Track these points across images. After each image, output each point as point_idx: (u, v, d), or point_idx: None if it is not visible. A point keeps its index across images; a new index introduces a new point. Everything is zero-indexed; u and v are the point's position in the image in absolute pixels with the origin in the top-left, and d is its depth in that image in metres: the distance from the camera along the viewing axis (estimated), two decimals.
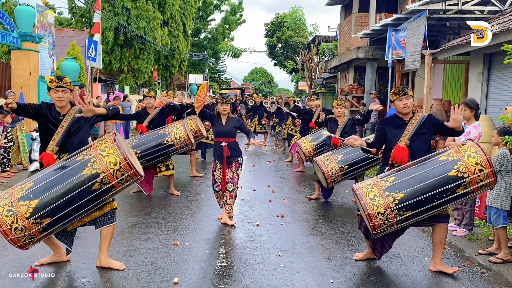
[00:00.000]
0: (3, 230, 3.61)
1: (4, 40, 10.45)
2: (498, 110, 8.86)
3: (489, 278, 4.32)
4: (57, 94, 4.12)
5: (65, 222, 3.79)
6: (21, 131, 8.99)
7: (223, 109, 5.77)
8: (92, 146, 3.92)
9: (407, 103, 4.41)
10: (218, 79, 47.70)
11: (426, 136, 4.41)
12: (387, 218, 3.97)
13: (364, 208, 4.01)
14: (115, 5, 23.20)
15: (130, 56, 24.48)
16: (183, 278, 4.05)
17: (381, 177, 4.21)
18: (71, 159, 3.88)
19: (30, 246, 3.83)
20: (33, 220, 3.63)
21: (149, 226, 5.58)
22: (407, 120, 4.46)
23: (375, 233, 4.08)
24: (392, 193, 4.00)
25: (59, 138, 4.10)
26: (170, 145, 7.22)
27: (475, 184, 3.95)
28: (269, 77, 71.01)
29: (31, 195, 3.68)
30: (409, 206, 3.97)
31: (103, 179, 3.75)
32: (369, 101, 15.38)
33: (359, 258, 4.67)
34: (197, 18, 39.10)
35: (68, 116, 4.17)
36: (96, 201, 3.84)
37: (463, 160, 3.97)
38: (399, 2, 18.07)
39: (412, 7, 11.02)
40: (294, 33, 33.70)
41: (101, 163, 3.76)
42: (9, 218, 3.61)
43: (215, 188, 5.93)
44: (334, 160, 6.84)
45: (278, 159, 12.44)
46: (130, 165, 3.81)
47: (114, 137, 3.91)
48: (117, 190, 3.92)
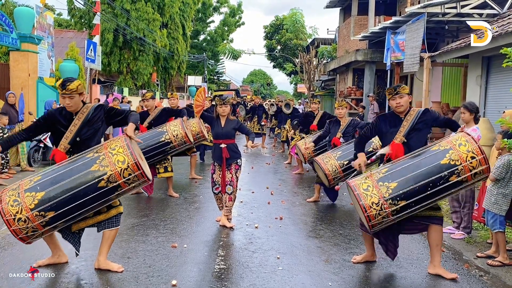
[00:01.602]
0: (7, 220, 3.63)
1: (3, 41, 10.45)
2: (497, 113, 8.88)
3: (488, 281, 4.32)
4: (64, 100, 4.08)
5: (68, 218, 3.77)
6: None
7: (222, 110, 5.77)
8: (103, 145, 3.93)
9: (399, 102, 4.40)
10: (217, 81, 47.76)
11: (423, 131, 4.41)
12: (382, 208, 3.96)
13: (358, 198, 4.02)
14: (114, 6, 23.21)
15: (129, 57, 24.52)
16: (181, 280, 4.04)
17: (375, 170, 4.25)
18: (81, 156, 3.89)
19: (32, 240, 3.82)
20: (37, 212, 3.63)
21: (147, 228, 5.58)
22: (403, 116, 4.45)
23: (370, 225, 4.05)
24: (386, 183, 4.01)
25: (71, 136, 4.06)
26: (167, 143, 7.20)
27: (468, 172, 3.96)
28: (268, 79, 71.11)
29: (38, 187, 3.70)
30: (403, 195, 3.97)
31: (110, 177, 3.75)
32: (367, 103, 15.41)
33: (357, 260, 4.66)
34: (196, 20, 39.18)
35: (81, 114, 4.12)
36: (101, 200, 3.82)
37: (454, 149, 4.00)
38: (398, 5, 18.13)
39: (411, 10, 11.06)
40: (293, 35, 33.77)
41: (110, 161, 3.77)
42: (14, 208, 3.63)
43: (214, 190, 5.92)
44: (333, 157, 6.86)
45: (277, 161, 12.44)
46: (137, 166, 3.80)
47: (126, 138, 3.92)
48: (123, 191, 3.89)
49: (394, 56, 12.94)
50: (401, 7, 17.49)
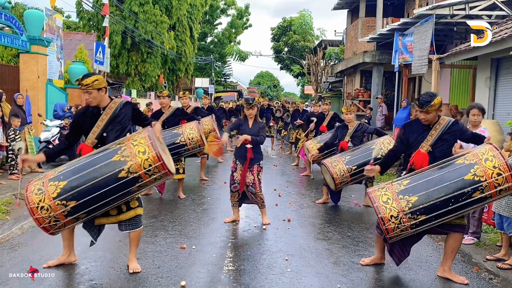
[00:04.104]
0: (31, 208, 3.68)
1: (13, 43, 10.55)
2: (506, 115, 8.83)
3: (497, 284, 4.30)
4: (84, 95, 4.13)
5: (90, 209, 3.79)
6: (29, 134, 9.05)
7: (249, 113, 5.88)
8: (127, 137, 3.97)
9: (425, 118, 4.26)
10: (224, 82, 47.84)
11: (449, 142, 4.29)
12: (401, 221, 3.91)
13: (377, 211, 3.97)
14: (122, 9, 23.34)
15: (137, 59, 24.62)
16: (190, 281, 4.06)
17: (396, 181, 4.15)
18: (104, 147, 3.93)
19: (55, 231, 3.85)
20: (58, 201, 3.67)
21: (156, 229, 5.60)
22: (432, 125, 4.32)
23: (388, 237, 4.03)
24: (406, 196, 3.93)
25: (98, 131, 4.10)
26: (182, 145, 7.24)
27: (493, 189, 3.83)
28: (275, 81, 71.12)
29: (61, 177, 3.76)
30: (423, 210, 3.88)
31: (130, 167, 3.75)
32: (375, 105, 15.36)
33: (365, 263, 4.64)
34: (203, 22, 39.29)
35: (108, 109, 4.14)
36: (122, 191, 3.81)
37: (480, 164, 3.85)
38: (406, 7, 18.08)
39: (419, 11, 11.02)
40: (300, 37, 33.76)
41: (131, 151, 3.78)
42: (37, 197, 3.69)
43: (232, 188, 5.97)
44: (341, 161, 6.85)
45: (284, 163, 12.44)
46: (158, 157, 3.78)
47: (148, 129, 3.94)
48: (144, 182, 3.86)
49: (402, 58, 12.89)
50: (409, 9, 17.44)
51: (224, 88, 45.78)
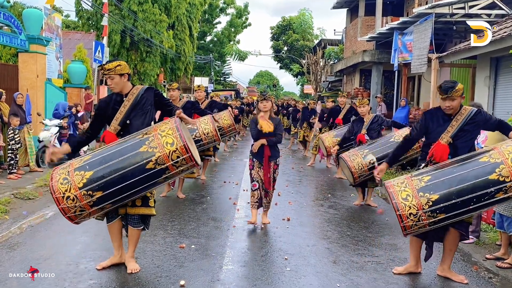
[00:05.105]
0: (56, 197, 3.66)
1: (12, 42, 10.53)
2: (505, 114, 8.82)
3: (497, 283, 4.30)
4: (107, 81, 4.13)
5: (116, 199, 3.76)
6: (28, 134, 9.04)
7: (264, 106, 5.71)
8: (153, 127, 3.91)
9: (450, 106, 4.08)
10: (224, 82, 47.82)
11: (471, 133, 4.13)
12: (419, 219, 3.81)
13: (396, 208, 3.85)
14: (121, 8, 23.32)
15: (136, 58, 24.60)
16: (189, 280, 4.05)
17: (416, 176, 3.99)
18: (131, 137, 3.88)
19: (80, 220, 3.83)
20: (84, 191, 3.64)
21: (155, 229, 5.59)
22: (453, 115, 4.14)
23: (405, 234, 3.96)
24: (427, 194, 3.80)
25: (121, 117, 4.07)
26: (197, 140, 7.10)
27: None
28: (275, 80, 71.11)
29: (87, 167, 3.71)
30: (444, 209, 3.77)
31: (158, 158, 3.70)
32: (375, 104, 15.37)
33: (398, 271, 4.41)
34: (203, 21, 39.27)
35: (130, 95, 4.12)
36: (148, 182, 3.77)
37: (506, 163, 3.70)
38: (405, 6, 18.08)
39: (419, 10, 11.02)
40: (300, 36, 33.75)
41: (158, 142, 3.73)
42: (63, 186, 3.66)
43: (252, 187, 5.89)
44: (360, 155, 6.84)
45: (284, 161, 12.42)
46: (186, 148, 3.73)
47: (176, 120, 3.90)
48: (171, 174, 3.83)
49: (402, 57, 12.89)
50: (408, 8, 17.44)
51: (223, 87, 45.79)
